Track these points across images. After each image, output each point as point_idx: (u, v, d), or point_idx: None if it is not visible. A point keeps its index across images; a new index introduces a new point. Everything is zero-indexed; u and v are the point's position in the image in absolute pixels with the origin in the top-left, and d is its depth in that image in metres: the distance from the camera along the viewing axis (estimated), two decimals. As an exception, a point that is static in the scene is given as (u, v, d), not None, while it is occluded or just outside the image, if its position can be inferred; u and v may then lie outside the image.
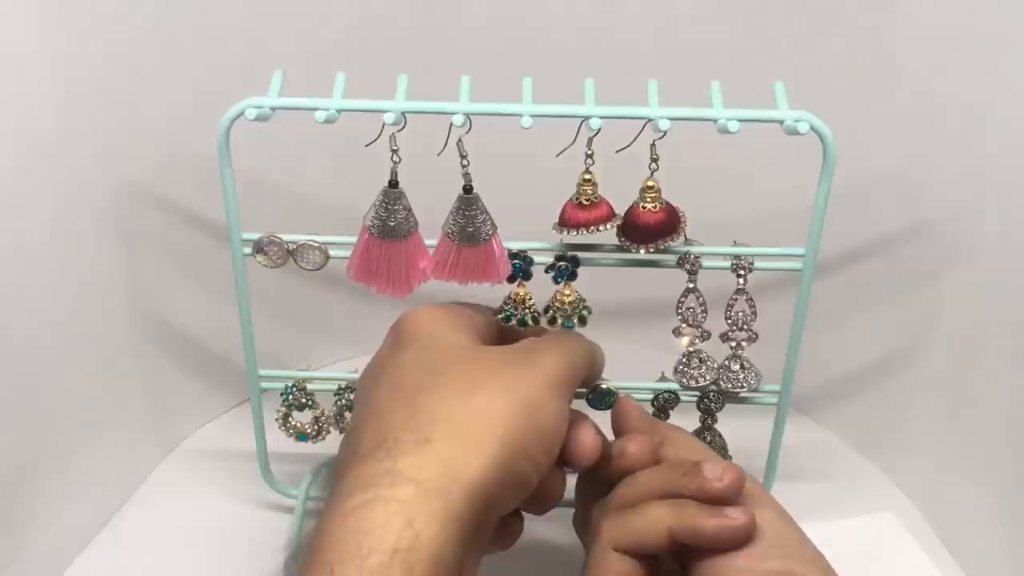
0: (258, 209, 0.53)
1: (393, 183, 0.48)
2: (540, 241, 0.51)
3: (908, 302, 0.61)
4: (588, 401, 0.53)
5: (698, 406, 0.55)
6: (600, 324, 0.52)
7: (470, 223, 0.48)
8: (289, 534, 0.60)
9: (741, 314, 0.53)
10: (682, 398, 0.55)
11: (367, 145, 0.47)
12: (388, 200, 0.48)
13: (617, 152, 0.47)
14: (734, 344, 0.54)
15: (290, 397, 0.57)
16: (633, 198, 0.50)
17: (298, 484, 0.61)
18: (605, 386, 0.53)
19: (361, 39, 0.60)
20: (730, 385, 0.54)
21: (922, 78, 0.56)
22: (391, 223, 0.48)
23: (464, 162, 0.47)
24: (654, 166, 0.49)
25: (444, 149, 0.47)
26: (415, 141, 0.47)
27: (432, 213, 0.50)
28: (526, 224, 0.50)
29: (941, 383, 0.60)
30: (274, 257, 0.52)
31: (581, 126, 0.47)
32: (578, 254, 0.51)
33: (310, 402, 0.57)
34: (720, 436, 0.56)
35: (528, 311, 0.51)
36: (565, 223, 0.50)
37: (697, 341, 0.53)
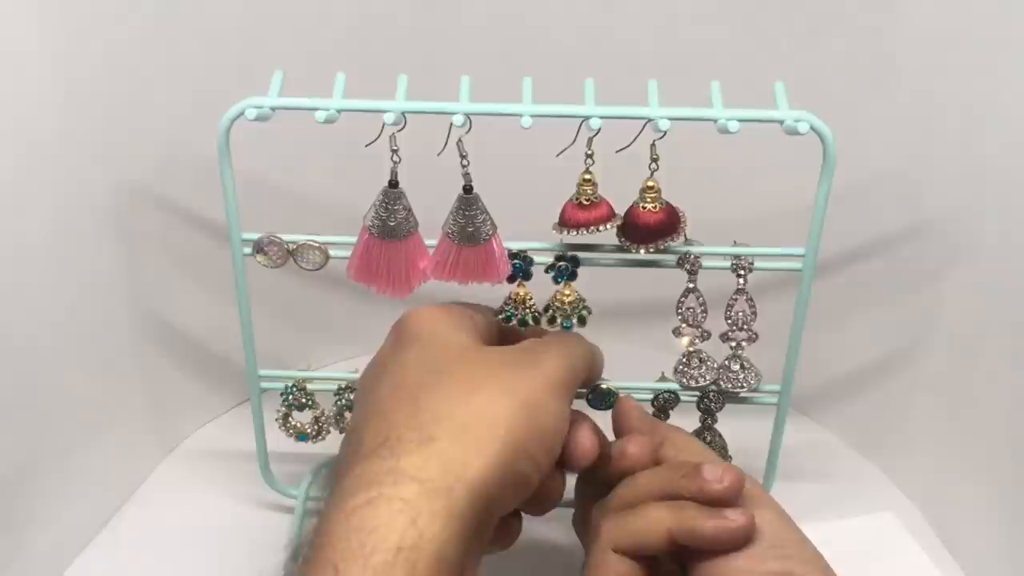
0: (258, 209, 0.53)
1: (393, 183, 0.48)
2: (540, 241, 0.51)
3: (908, 302, 0.61)
4: (588, 401, 0.53)
5: (698, 406, 0.55)
6: (600, 324, 0.52)
7: (470, 223, 0.48)
8: (289, 534, 0.60)
9: (741, 314, 0.53)
10: (682, 398, 0.55)
11: (367, 145, 0.47)
12: (388, 200, 0.48)
13: (617, 152, 0.47)
14: (734, 344, 0.54)
15: (290, 397, 0.57)
16: (633, 198, 0.50)
17: (298, 484, 0.61)
18: (605, 386, 0.53)
19: (361, 39, 0.60)
20: (730, 385, 0.54)
21: (922, 78, 0.56)
22: (391, 223, 0.48)
23: (464, 162, 0.47)
24: (654, 166, 0.49)
25: (444, 149, 0.47)
26: (415, 141, 0.47)
27: (432, 213, 0.50)
28: (526, 224, 0.50)
29: (941, 383, 0.60)
30: (274, 257, 0.52)
31: (581, 126, 0.47)
32: (578, 254, 0.51)
33: (310, 402, 0.57)
34: (720, 436, 0.56)
35: (528, 311, 0.51)
36: (565, 223, 0.50)
37: (697, 341, 0.53)
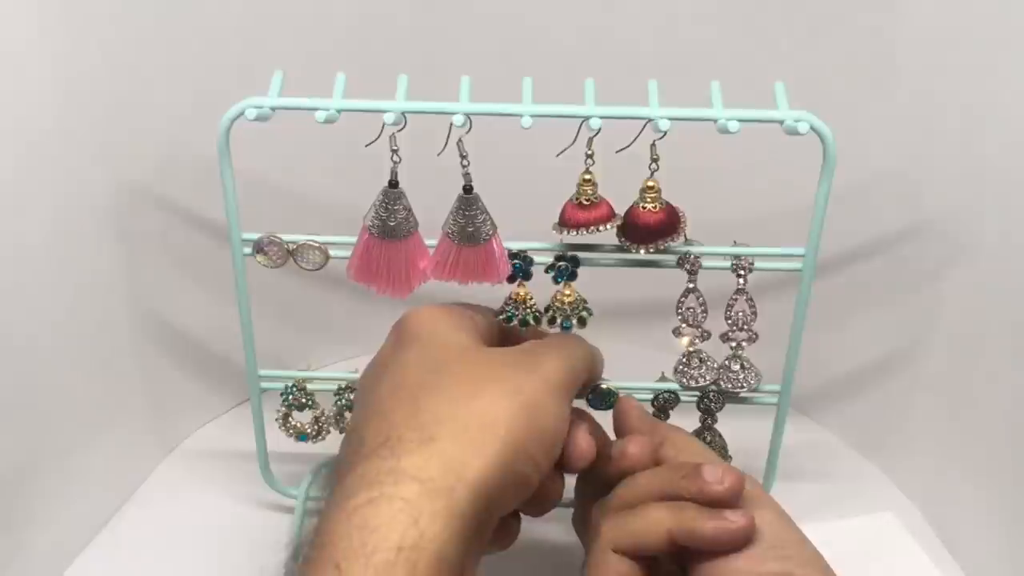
0: (258, 209, 0.53)
1: (393, 183, 0.48)
2: (540, 241, 0.51)
3: (908, 302, 0.61)
4: (588, 401, 0.53)
5: (698, 406, 0.55)
6: (600, 324, 0.52)
7: (470, 223, 0.48)
8: (289, 534, 0.60)
9: (741, 314, 0.53)
10: (682, 398, 0.55)
11: (367, 145, 0.47)
12: (388, 200, 0.48)
13: (617, 152, 0.47)
14: (734, 344, 0.53)
15: (290, 397, 0.57)
16: (633, 198, 0.50)
17: (298, 484, 0.61)
18: (605, 386, 0.53)
19: (361, 39, 0.60)
20: (730, 385, 0.54)
21: (922, 78, 0.56)
22: (391, 223, 0.48)
23: (464, 162, 0.47)
24: (654, 166, 0.49)
25: (444, 149, 0.47)
26: (415, 141, 0.47)
27: (432, 213, 0.50)
28: (526, 224, 0.50)
29: (941, 383, 0.60)
30: (274, 257, 0.52)
31: (581, 126, 0.47)
32: (578, 254, 0.51)
33: (310, 402, 0.57)
34: (720, 436, 0.56)
35: (529, 311, 0.51)
36: (565, 223, 0.50)
37: (697, 341, 0.53)
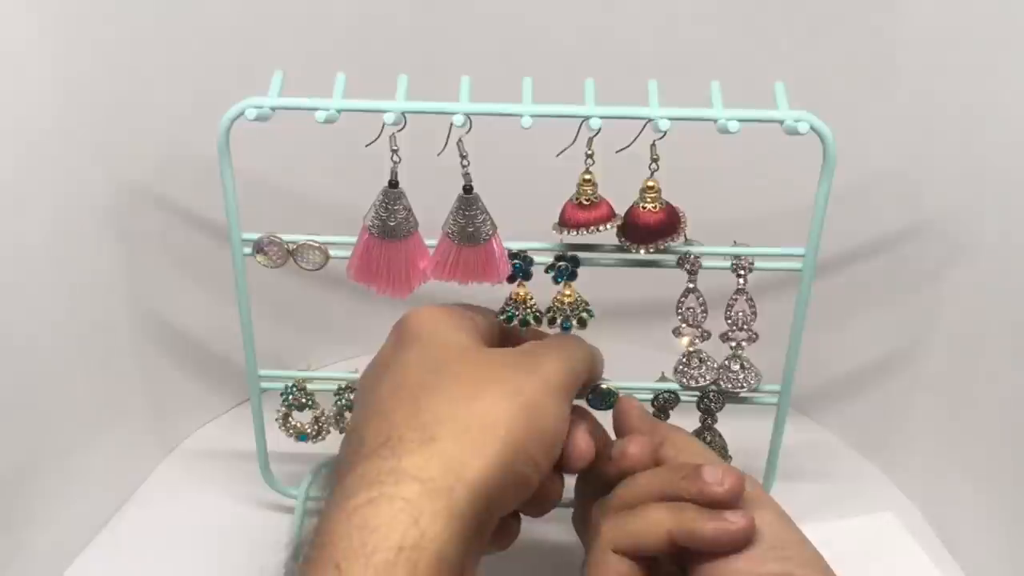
0: (258, 209, 0.53)
1: (393, 183, 0.48)
2: (540, 241, 0.51)
3: (908, 302, 0.61)
4: (588, 401, 0.53)
5: (698, 406, 0.55)
6: (600, 324, 0.52)
7: (470, 223, 0.48)
8: (289, 534, 0.60)
9: (741, 314, 0.53)
10: (682, 398, 0.55)
11: (367, 145, 0.47)
12: (388, 200, 0.48)
13: (617, 152, 0.47)
14: (734, 344, 0.53)
15: (290, 397, 0.57)
16: (633, 198, 0.50)
17: (298, 484, 0.61)
18: (605, 386, 0.53)
19: (361, 39, 0.60)
20: (730, 385, 0.54)
21: (922, 78, 0.56)
22: (391, 223, 0.48)
23: (464, 162, 0.47)
24: (654, 166, 0.49)
25: (444, 149, 0.47)
26: (415, 141, 0.47)
27: (432, 213, 0.50)
28: (526, 224, 0.50)
29: (941, 383, 0.60)
30: (274, 257, 0.52)
31: (581, 126, 0.47)
32: (578, 254, 0.51)
33: (310, 402, 0.57)
34: (720, 436, 0.56)
35: (529, 311, 0.51)
36: (565, 223, 0.50)
37: (697, 341, 0.53)
